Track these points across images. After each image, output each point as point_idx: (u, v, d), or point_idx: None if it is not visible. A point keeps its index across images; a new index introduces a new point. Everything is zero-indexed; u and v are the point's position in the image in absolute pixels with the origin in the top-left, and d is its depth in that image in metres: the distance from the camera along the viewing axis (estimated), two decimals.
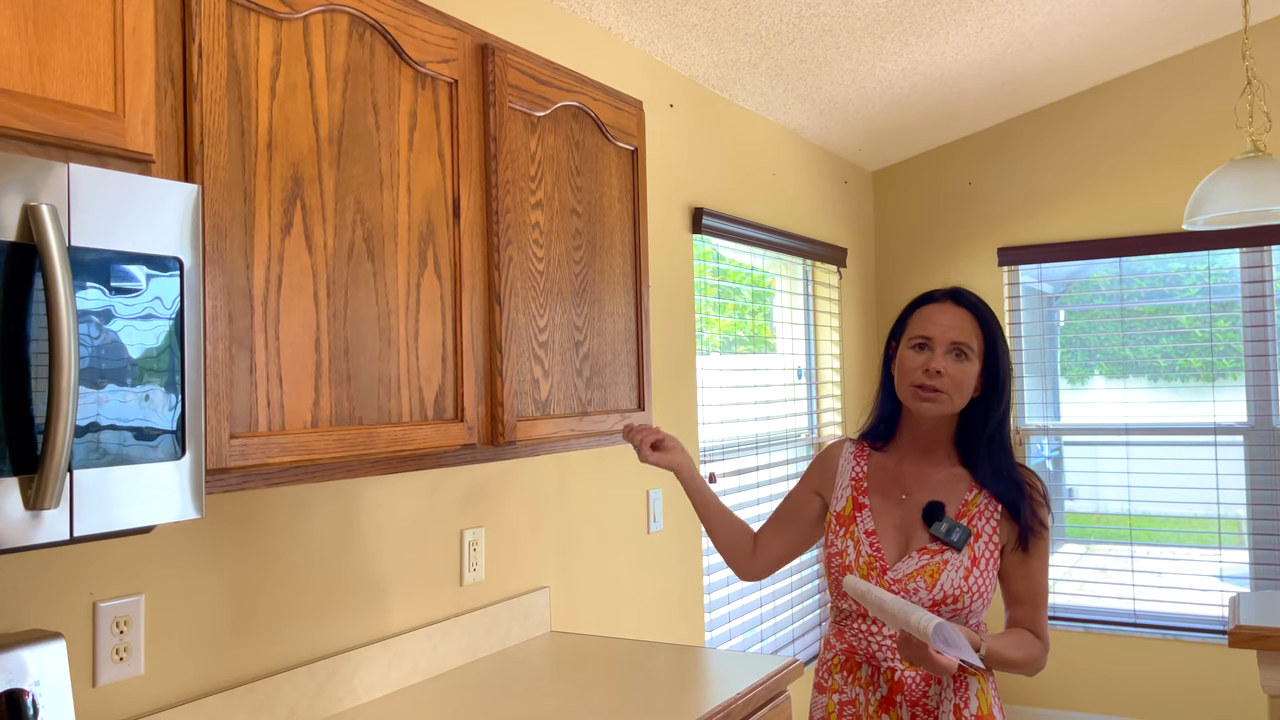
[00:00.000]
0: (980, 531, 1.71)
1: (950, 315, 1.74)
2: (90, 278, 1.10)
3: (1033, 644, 1.71)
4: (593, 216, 2.15)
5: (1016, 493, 1.72)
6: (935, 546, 1.70)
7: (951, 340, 1.72)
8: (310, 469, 1.47)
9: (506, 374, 1.84)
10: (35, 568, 1.47)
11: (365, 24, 1.58)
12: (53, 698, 1.37)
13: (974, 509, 1.73)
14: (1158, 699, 4.23)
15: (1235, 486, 4.18)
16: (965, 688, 1.68)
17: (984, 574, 1.69)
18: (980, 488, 1.74)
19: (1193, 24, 3.90)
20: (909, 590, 1.68)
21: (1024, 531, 1.71)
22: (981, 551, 1.70)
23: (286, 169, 1.44)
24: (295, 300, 1.44)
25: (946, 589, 1.67)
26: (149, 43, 1.22)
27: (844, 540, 1.77)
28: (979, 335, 1.74)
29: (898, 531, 1.75)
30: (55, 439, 1.03)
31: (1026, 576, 1.73)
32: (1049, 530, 1.75)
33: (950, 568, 1.68)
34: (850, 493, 1.82)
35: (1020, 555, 1.73)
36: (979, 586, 1.68)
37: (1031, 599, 1.73)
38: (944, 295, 1.78)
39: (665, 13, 2.85)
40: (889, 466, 1.82)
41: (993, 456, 1.74)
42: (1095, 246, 4.37)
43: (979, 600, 1.68)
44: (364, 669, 1.97)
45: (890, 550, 1.74)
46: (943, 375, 1.71)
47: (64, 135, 1.13)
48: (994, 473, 1.73)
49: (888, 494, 1.79)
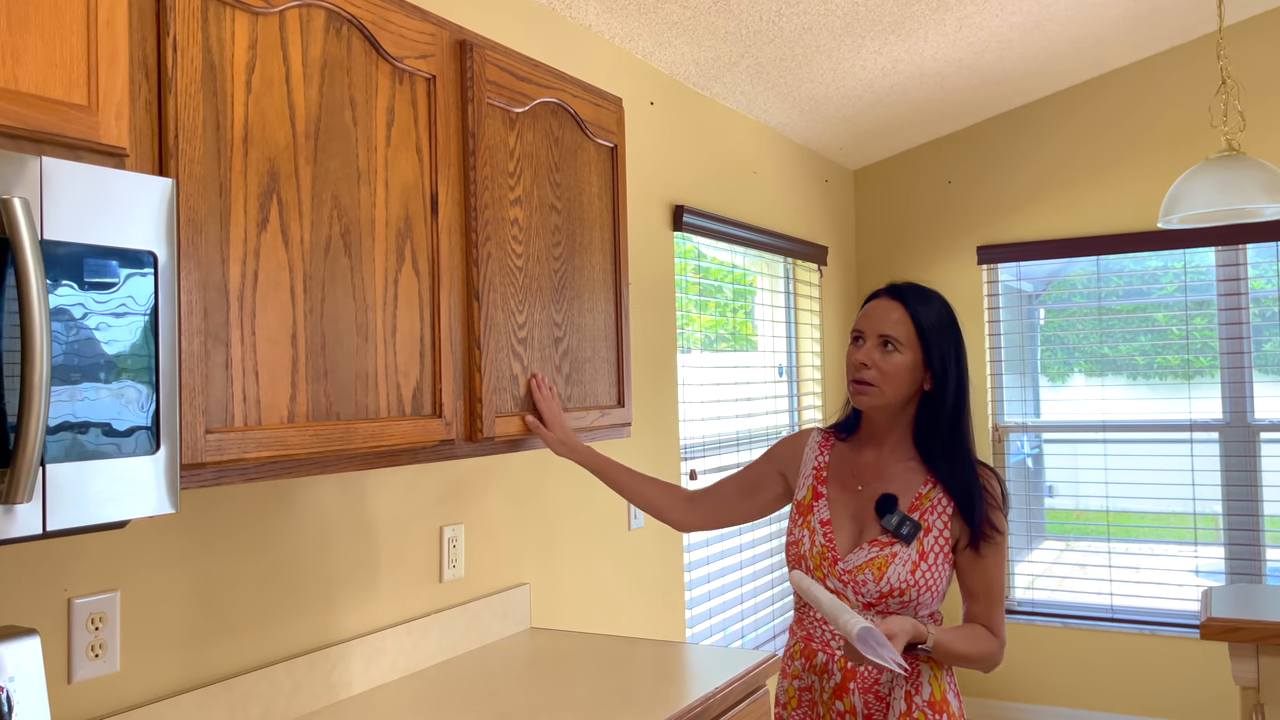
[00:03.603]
0: (931, 526, 1.71)
1: (882, 308, 1.76)
2: (63, 272, 1.10)
3: (986, 640, 1.72)
4: (572, 213, 2.15)
5: (970, 492, 1.71)
6: (886, 539, 1.71)
7: (879, 332, 1.74)
8: (287, 464, 1.47)
9: (485, 370, 1.84)
10: (10, 564, 1.46)
11: (343, 19, 1.58)
12: (27, 695, 1.36)
13: (927, 503, 1.73)
14: (1134, 692, 4.26)
15: (1211, 483, 4.22)
16: (917, 675, 1.70)
17: (932, 568, 1.69)
18: (936, 482, 1.74)
19: (1168, 24, 3.94)
20: (858, 581, 1.70)
21: (975, 533, 1.71)
22: (931, 546, 1.70)
23: (263, 164, 1.43)
24: (271, 295, 1.44)
25: (893, 582, 1.68)
26: (123, 36, 1.22)
27: (800, 529, 1.79)
28: (909, 326, 1.74)
29: (853, 522, 1.76)
30: (27, 434, 1.03)
31: (979, 573, 1.74)
32: (1004, 535, 1.74)
33: (898, 561, 1.69)
34: (811, 482, 1.84)
35: (972, 553, 1.73)
36: (927, 581, 1.69)
37: (986, 595, 1.74)
38: (883, 290, 1.80)
39: (645, 10, 2.85)
40: (849, 458, 1.83)
41: (950, 452, 1.74)
42: (1073, 245, 4.41)
43: (928, 594, 1.69)
44: (342, 665, 1.97)
45: (843, 541, 1.75)
46: (870, 368, 1.73)
47: (36, 129, 1.13)
48: (950, 469, 1.73)
49: (845, 485, 1.80)
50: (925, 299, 1.77)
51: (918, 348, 1.74)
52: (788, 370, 4.28)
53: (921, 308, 1.75)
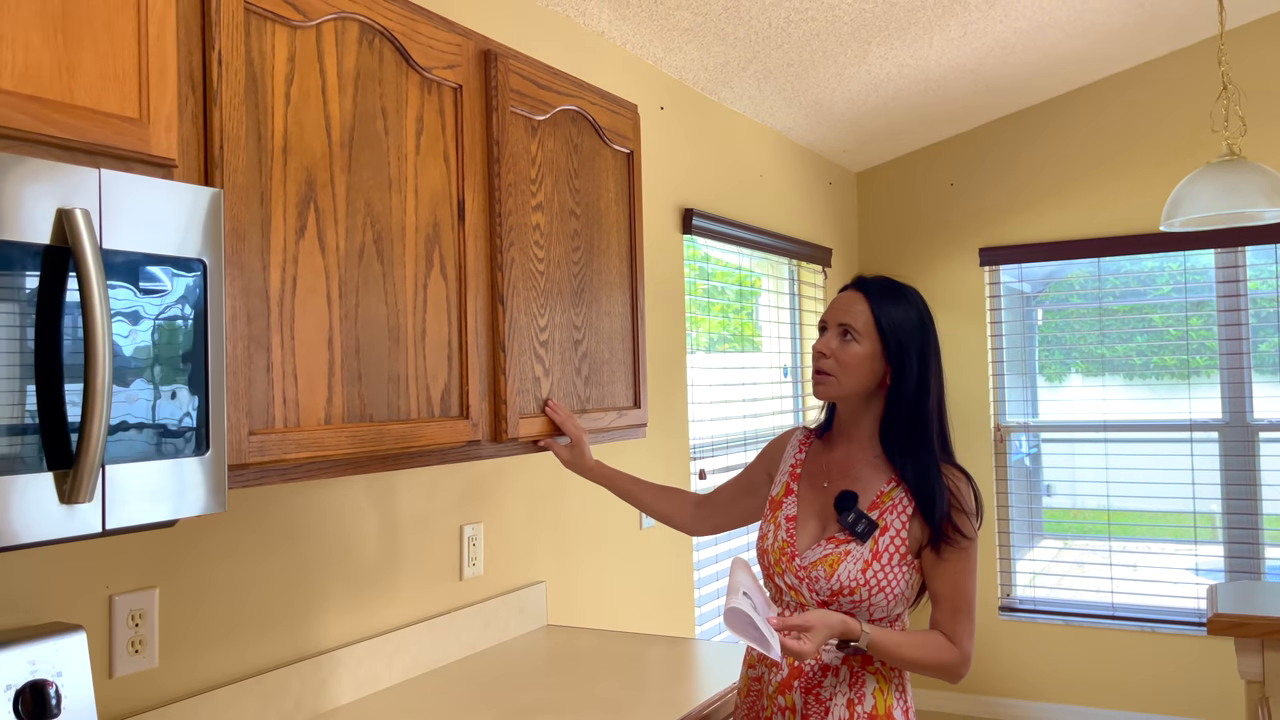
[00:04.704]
0: (888, 525, 1.67)
1: (845, 300, 1.76)
2: (120, 279, 1.14)
3: (942, 649, 1.66)
4: (590, 218, 2.19)
5: (933, 494, 1.66)
6: (843, 536, 1.68)
7: (838, 321, 1.73)
8: (323, 464, 1.51)
9: (509, 372, 1.88)
10: (54, 562, 1.50)
11: (375, 31, 1.62)
12: (74, 689, 1.40)
13: (888, 501, 1.69)
14: (1134, 690, 4.32)
15: (1210, 482, 4.27)
16: (861, 684, 1.67)
17: (885, 569, 1.65)
18: (900, 482, 1.70)
19: (1169, 29, 3.99)
20: (812, 578, 1.68)
21: (935, 535, 1.66)
22: (885, 546, 1.66)
23: (301, 173, 1.47)
24: (309, 301, 1.48)
25: (844, 580, 1.65)
26: (171, 51, 1.26)
27: (768, 524, 1.80)
28: (869, 317, 1.71)
29: (817, 519, 1.75)
30: (91, 435, 1.07)
31: (942, 579, 1.67)
32: (971, 541, 1.67)
33: (850, 559, 1.66)
34: (785, 479, 1.84)
35: (933, 556, 1.67)
36: (879, 581, 1.64)
37: (949, 602, 1.67)
38: (851, 283, 1.80)
39: (657, 17, 2.90)
40: (822, 455, 1.83)
41: (913, 449, 1.69)
42: (1074, 247, 4.46)
43: (880, 594, 1.64)
44: (368, 662, 2.01)
45: (805, 537, 1.73)
46: (828, 357, 1.72)
47: (92, 141, 1.17)
48: (914, 469, 1.68)
49: (814, 482, 1.80)
50: (893, 293, 1.74)
51: (876, 339, 1.71)
52: (792, 371, 4.33)
53: (884, 300, 1.73)
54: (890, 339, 1.70)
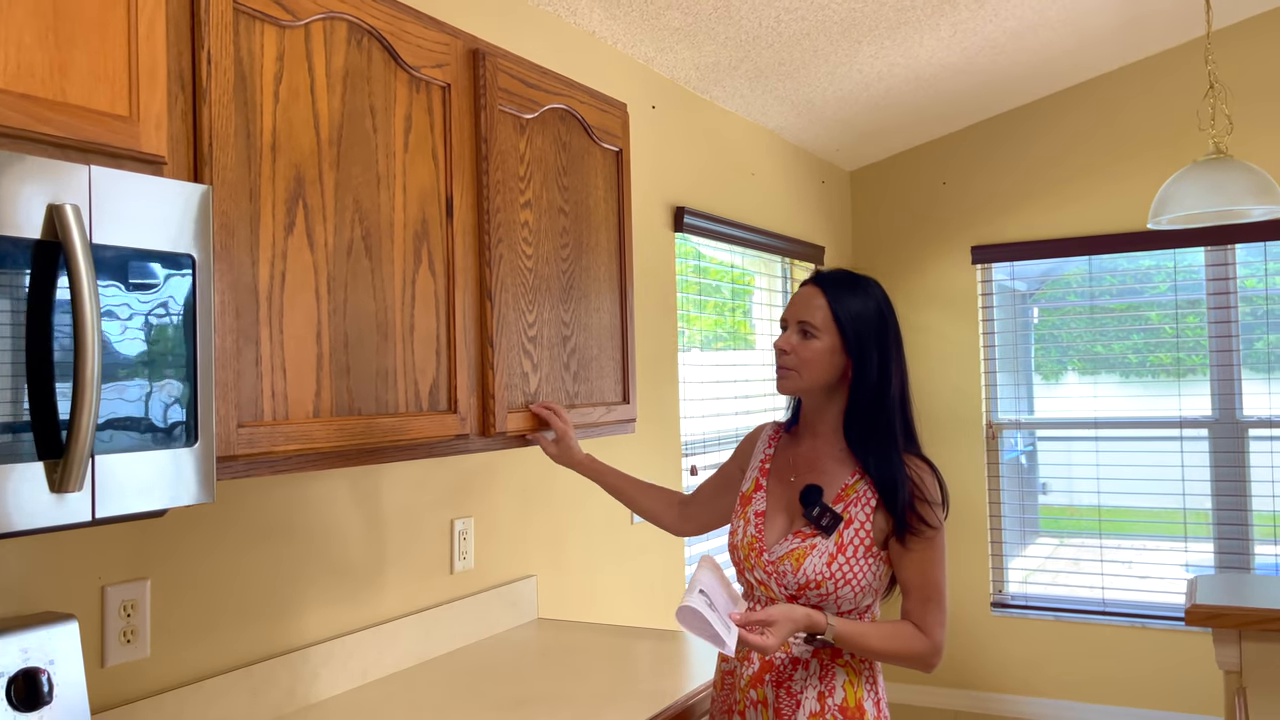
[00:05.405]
0: (852, 518, 1.68)
1: (804, 295, 1.77)
2: (110, 274, 1.17)
3: (912, 639, 1.67)
4: (579, 216, 2.22)
5: (895, 484, 1.67)
6: (809, 530, 1.70)
7: (798, 319, 1.75)
8: (312, 457, 1.54)
9: (497, 367, 1.91)
10: (47, 553, 1.53)
11: (363, 30, 1.65)
12: (67, 677, 1.43)
13: (852, 494, 1.71)
14: (1124, 684, 4.35)
15: (1200, 479, 4.30)
16: (831, 677, 1.69)
17: (850, 561, 1.66)
18: (863, 474, 1.71)
19: (1157, 29, 4.02)
20: (780, 572, 1.69)
21: (899, 525, 1.66)
22: (850, 539, 1.67)
23: (289, 170, 1.50)
24: (298, 295, 1.51)
25: (809, 574, 1.66)
26: (161, 50, 1.28)
27: (738, 520, 1.81)
28: (827, 312, 1.72)
29: (784, 514, 1.76)
30: (80, 426, 1.09)
31: (910, 569, 1.68)
32: (938, 531, 1.68)
33: (815, 553, 1.67)
34: (755, 475, 1.85)
35: (900, 547, 1.68)
36: (844, 574, 1.65)
37: (918, 592, 1.68)
38: (809, 278, 1.81)
39: (648, 16, 2.92)
40: (790, 450, 1.84)
41: (876, 441, 1.70)
42: (1066, 245, 4.49)
43: (846, 587, 1.65)
44: (358, 654, 2.04)
45: (773, 531, 1.75)
46: (789, 353, 1.74)
47: (83, 138, 1.19)
48: (876, 461, 1.69)
49: (782, 477, 1.81)
50: (851, 286, 1.75)
51: (835, 333, 1.72)
52: None
53: (842, 294, 1.73)
54: (849, 331, 1.71)
